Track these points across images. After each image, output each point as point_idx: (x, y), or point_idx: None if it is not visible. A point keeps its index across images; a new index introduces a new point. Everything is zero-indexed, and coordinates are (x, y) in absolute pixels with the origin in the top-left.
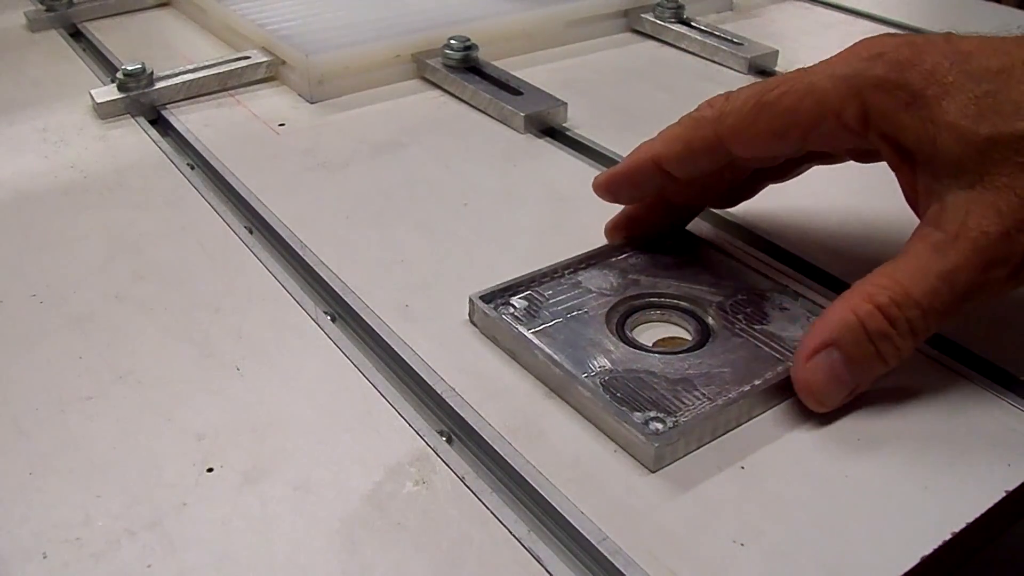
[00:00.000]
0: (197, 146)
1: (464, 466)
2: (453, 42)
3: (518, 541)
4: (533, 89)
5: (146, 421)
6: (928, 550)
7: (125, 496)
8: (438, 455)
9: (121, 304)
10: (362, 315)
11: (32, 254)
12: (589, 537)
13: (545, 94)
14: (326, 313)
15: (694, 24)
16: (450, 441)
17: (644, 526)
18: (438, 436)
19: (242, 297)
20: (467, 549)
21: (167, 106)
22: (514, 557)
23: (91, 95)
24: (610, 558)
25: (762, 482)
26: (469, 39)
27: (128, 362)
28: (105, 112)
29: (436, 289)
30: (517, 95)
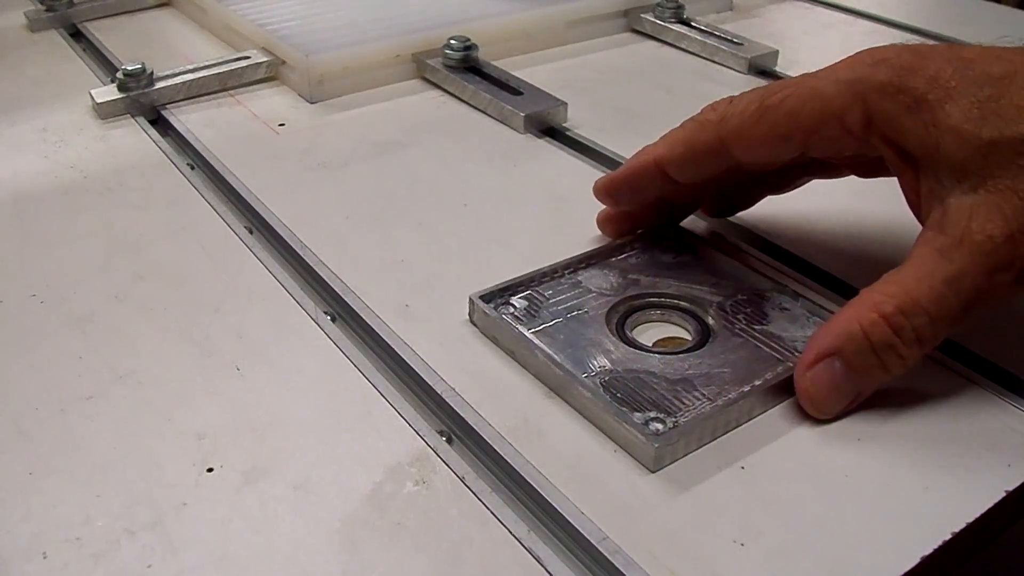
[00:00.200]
0: (197, 146)
1: (464, 466)
2: (453, 42)
3: (518, 541)
4: (533, 89)
5: (146, 421)
6: (928, 550)
7: (125, 496)
8: (438, 455)
9: (121, 304)
10: (362, 315)
11: (32, 254)
12: (589, 537)
13: (545, 94)
14: (326, 313)
15: (694, 24)
16: (450, 441)
17: (644, 526)
18: (438, 436)
19: (242, 297)
20: (467, 549)
21: (167, 106)
22: (514, 557)
23: (91, 95)
24: (610, 558)
25: (762, 482)
26: (469, 39)
27: (128, 362)
28: (105, 112)
29: (436, 289)
30: (517, 95)
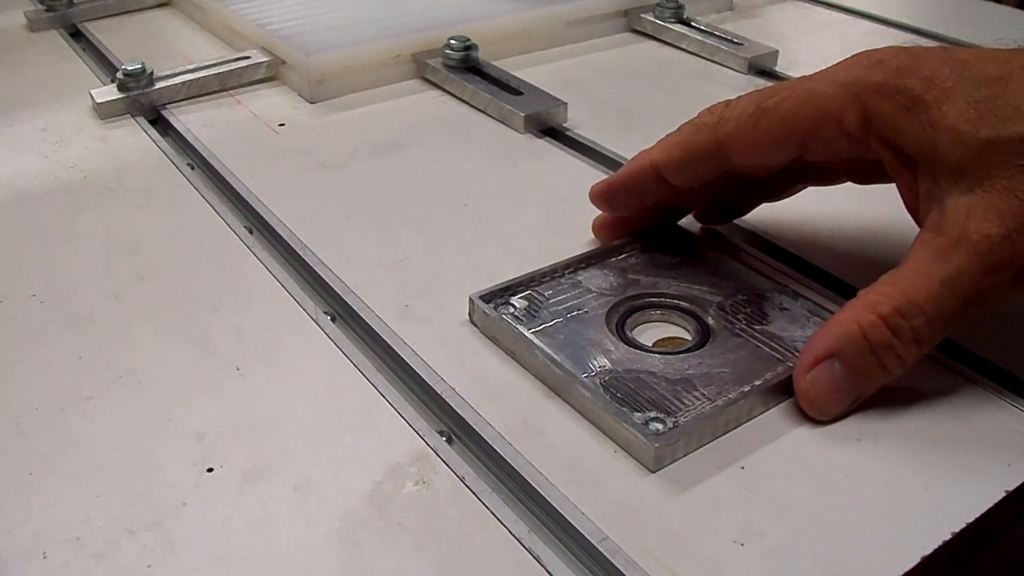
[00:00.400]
0: (197, 146)
1: (464, 466)
2: (453, 42)
3: (518, 541)
4: (533, 89)
5: (146, 421)
6: (928, 550)
7: (125, 496)
8: (438, 455)
9: (121, 304)
10: (362, 315)
11: (32, 254)
12: (589, 537)
13: (545, 94)
14: (326, 313)
15: (694, 24)
16: (450, 441)
17: (644, 526)
18: (438, 436)
19: (242, 297)
20: (467, 549)
21: (167, 106)
22: (514, 557)
23: (91, 95)
24: (610, 558)
25: (762, 482)
26: (469, 39)
27: (128, 362)
28: (105, 112)
29: (436, 289)
30: (517, 95)
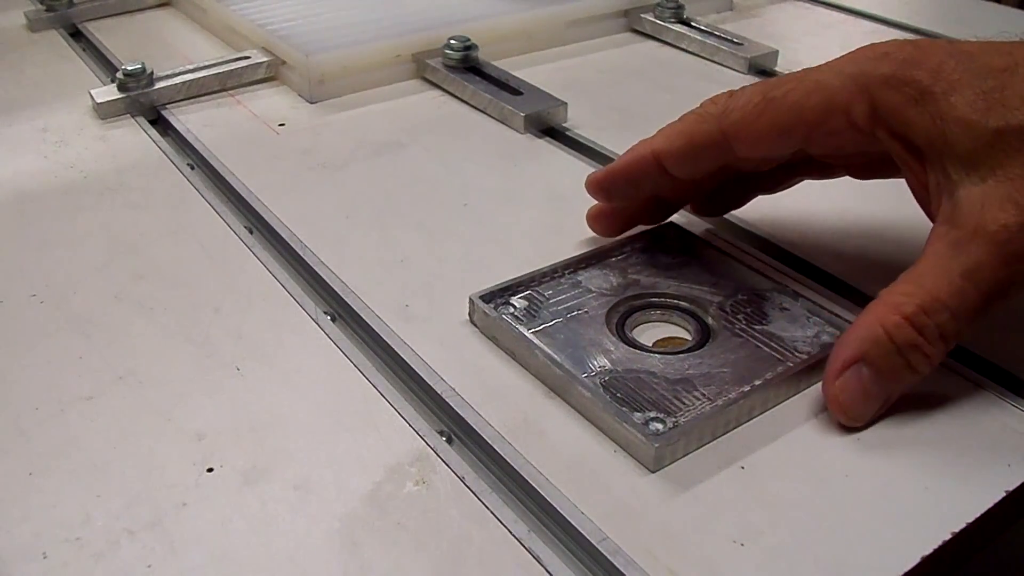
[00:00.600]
0: (197, 146)
1: (464, 466)
2: (453, 42)
3: (518, 541)
4: (533, 89)
5: (146, 421)
6: (928, 550)
7: (125, 496)
8: (438, 455)
9: (121, 304)
10: (362, 315)
11: (32, 254)
12: (589, 537)
13: (545, 94)
14: (326, 313)
15: (694, 24)
16: (450, 441)
17: (644, 526)
18: (438, 436)
19: (242, 297)
20: (467, 549)
21: (167, 106)
22: (514, 557)
23: (91, 95)
24: (610, 558)
25: (762, 482)
26: (469, 39)
27: (128, 362)
28: (105, 112)
29: (436, 289)
30: (517, 95)
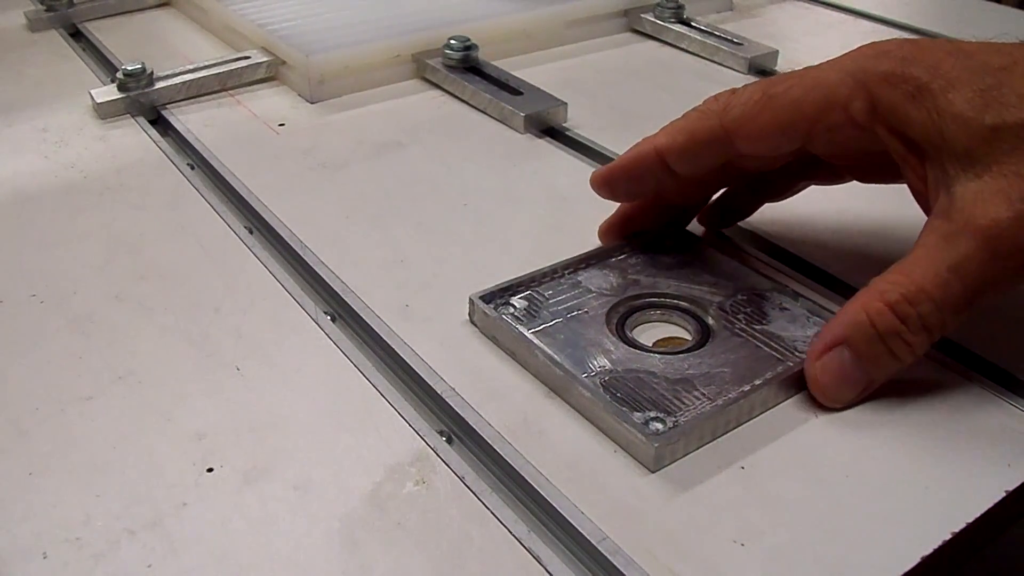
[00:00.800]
0: (197, 146)
1: (464, 466)
2: (453, 42)
3: (518, 541)
4: (533, 89)
5: (146, 421)
6: (928, 550)
7: (125, 496)
8: (438, 455)
9: (121, 304)
10: (362, 315)
11: (32, 254)
12: (589, 537)
13: (545, 94)
14: (326, 313)
15: (694, 24)
16: (450, 441)
17: (644, 526)
18: (438, 436)
19: (242, 297)
20: (467, 549)
21: (167, 106)
22: (514, 557)
23: (91, 95)
24: (610, 558)
25: (762, 482)
26: (469, 39)
27: (128, 362)
28: (105, 112)
29: (436, 289)
30: (517, 95)
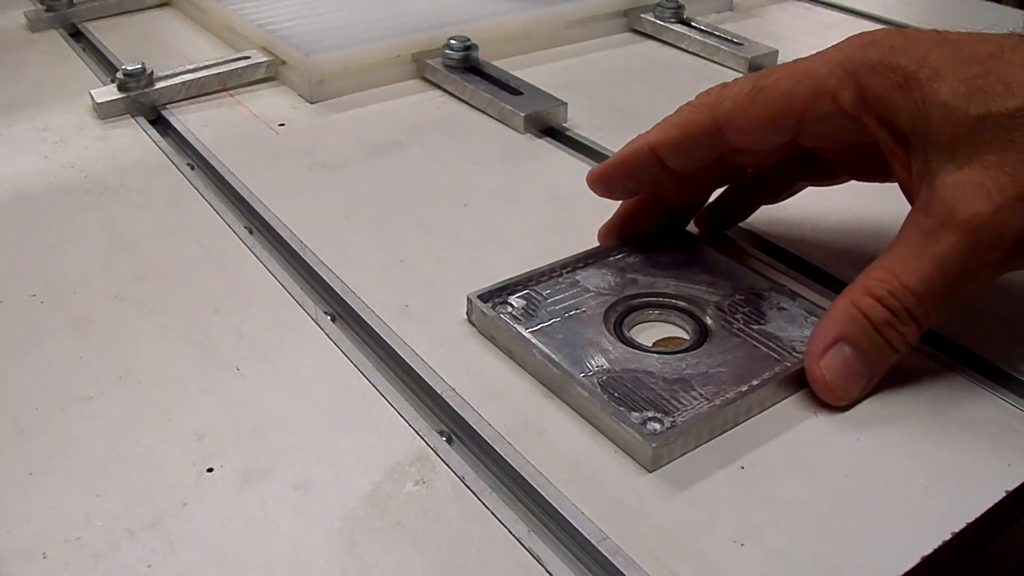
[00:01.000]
0: (197, 146)
1: (464, 466)
2: (453, 42)
3: (518, 541)
4: (533, 89)
5: (146, 421)
6: (928, 550)
7: (125, 496)
8: (438, 455)
9: (121, 304)
10: (362, 315)
11: (32, 254)
12: (589, 537)
13: (545, 94)
14: (326, 313)
15: (694, 24)
16: (450, 441)
17: (644, 526)
18: (438, 436)
19: (242, 297)
20: (467, 549)
21: (167, 106)
22: (514, 557)
23: (91, 95)
24: (610, 558)
25: (762, 482)
26: (469, 39)
27: (128, 362)
28: (105, 112)
29: (436, 289)
30: (517, 95)
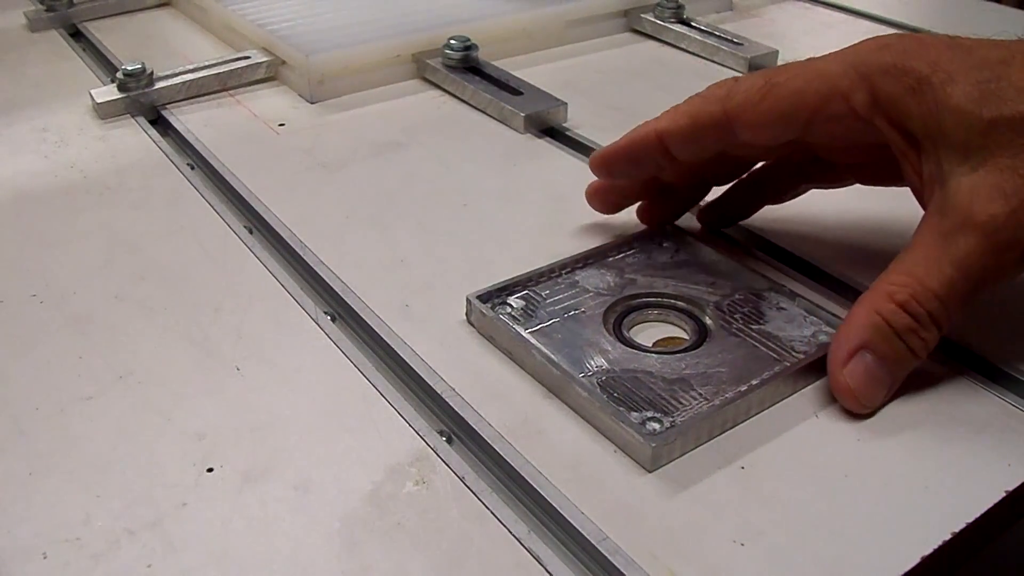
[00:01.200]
0: (197, 146)
1: (464, 466)
2: (453, 42)
3: (518, 541)
4: (533, 89)
5: (146, 421)
6: (928, 550)
7: (125, 496)
8: (438, 455)
9: (121, 304)
10: (362, 315)
11: (32, 254)
12: (589, 537)
13: (545, 94)
14: (326, 313)
15: (694, 24)
16: (450, 441)
17: (644, 526)
18: (438, 436)
19: (242, 297)
20: (467, 549)
21: (167, 106)
22: (514, 557)
23: (91, 95)
24: (610, 558)
25: (762, 482)
26: (469, 39)
27: (128, 362)
28: (105, 112)
29: (436, 289)
30: (517, 95)
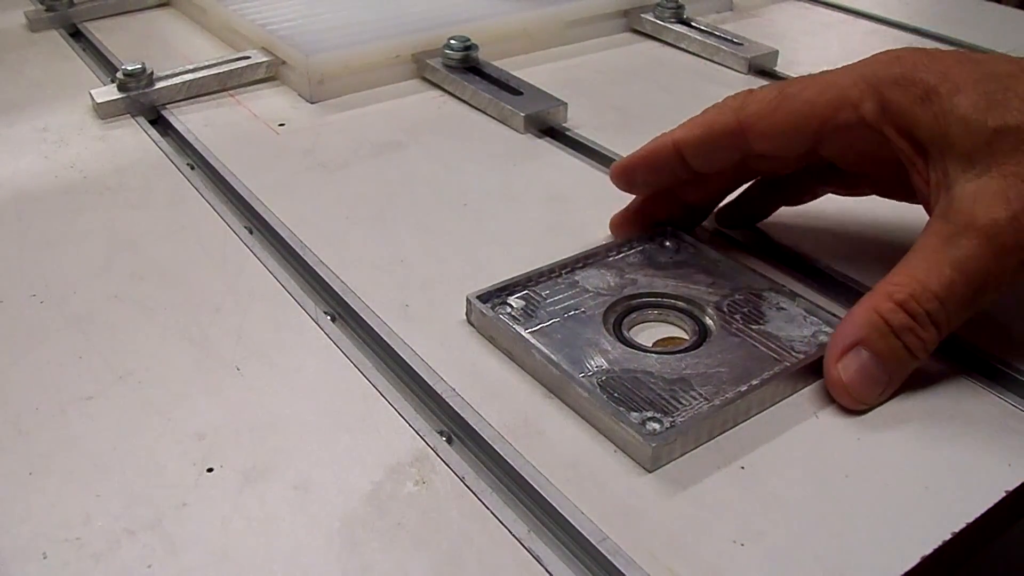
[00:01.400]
0: (197, 146)
1: (464, 466)
2: (453, 42)
3: (518, 541)
4: (533, 89)
5: (146, 421)
6: (928, 550)
7: (125, 496)
8: (438, 455)
9: (121, 304)
10: (362, 315)
11: (32, 254)
12: (589, 537)
13: (545, 94)
14: (326, 313)
15: (694, 24)
16: (450, 441)
17: (644, 526)
18: (438, 436)
19: (242, 297)
20: (467, 549)
21: (167, 106)
22: (514, 557)
23: (91, 95)
24: (610, 558)
25: (762, 482)
26: (469, 39)
27: (128, 362)
28: (105, 112)
29: (436, 289)
30: (517, 95)
